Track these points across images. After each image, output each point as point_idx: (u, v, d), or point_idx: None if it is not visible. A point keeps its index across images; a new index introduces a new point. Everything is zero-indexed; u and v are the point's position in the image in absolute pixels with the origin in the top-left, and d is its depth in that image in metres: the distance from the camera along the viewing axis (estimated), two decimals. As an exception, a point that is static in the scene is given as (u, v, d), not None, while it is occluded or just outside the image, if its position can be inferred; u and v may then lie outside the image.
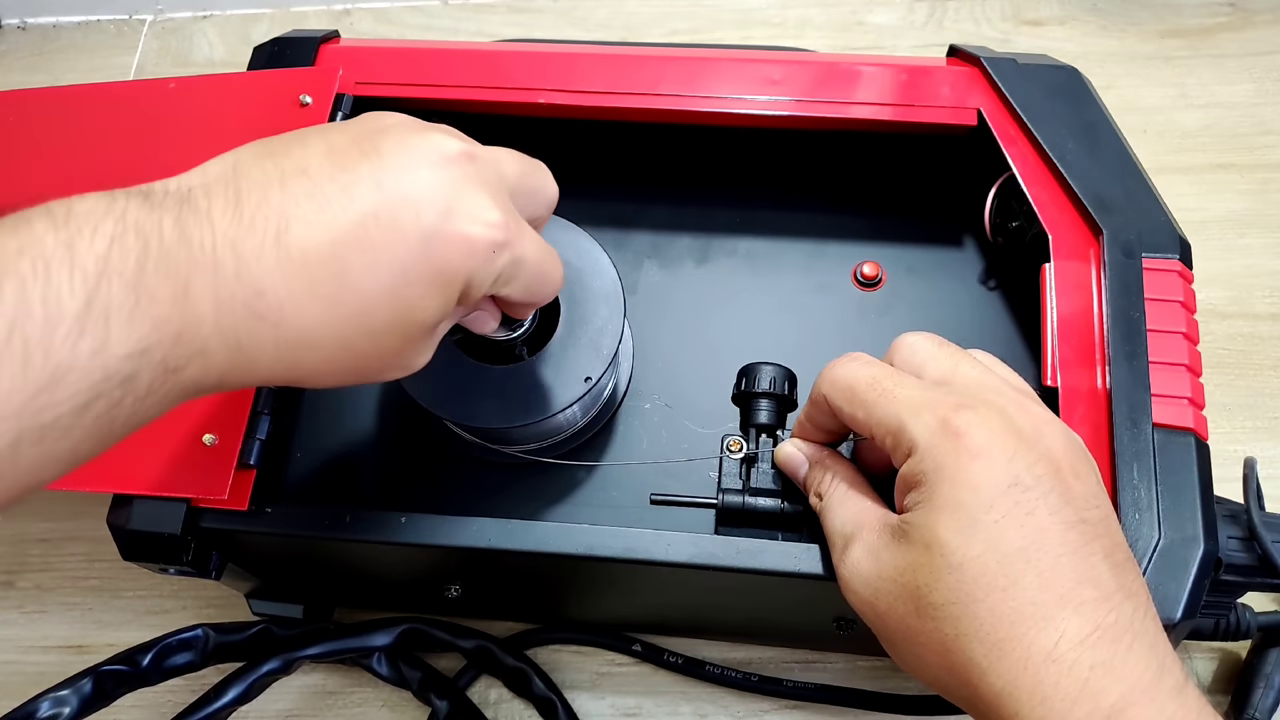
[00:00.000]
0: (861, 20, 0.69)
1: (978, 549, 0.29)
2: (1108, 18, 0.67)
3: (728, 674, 0.47)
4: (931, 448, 0.30)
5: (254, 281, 0.27)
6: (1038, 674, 0.28)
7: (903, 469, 0.32)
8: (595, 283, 0.42)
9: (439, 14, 0.72)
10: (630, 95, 0.46)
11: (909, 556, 0.31)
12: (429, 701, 0.47)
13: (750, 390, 0.41)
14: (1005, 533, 0.29)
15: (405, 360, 0.32)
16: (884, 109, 0.46)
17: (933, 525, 0.30)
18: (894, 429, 0.32)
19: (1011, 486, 0.30)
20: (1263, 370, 0.55)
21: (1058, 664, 0.28)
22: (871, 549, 0.32)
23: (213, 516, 0.39)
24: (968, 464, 0.30)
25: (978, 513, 0.29)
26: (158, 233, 0.26)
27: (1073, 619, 0.28)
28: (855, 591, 0.32)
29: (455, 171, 0.30)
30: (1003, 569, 0.29)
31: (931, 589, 0.30)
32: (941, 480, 0.30)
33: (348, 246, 0.28)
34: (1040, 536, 0.29)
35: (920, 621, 0.30)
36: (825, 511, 0.35)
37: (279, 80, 0.47)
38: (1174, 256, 0.40)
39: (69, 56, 0.72)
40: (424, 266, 0.29)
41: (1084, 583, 0.29)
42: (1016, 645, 0.28)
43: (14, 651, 0.51)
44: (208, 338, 0.27)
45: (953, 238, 0.48)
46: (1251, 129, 0.62)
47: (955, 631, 0.29)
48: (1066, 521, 0.30)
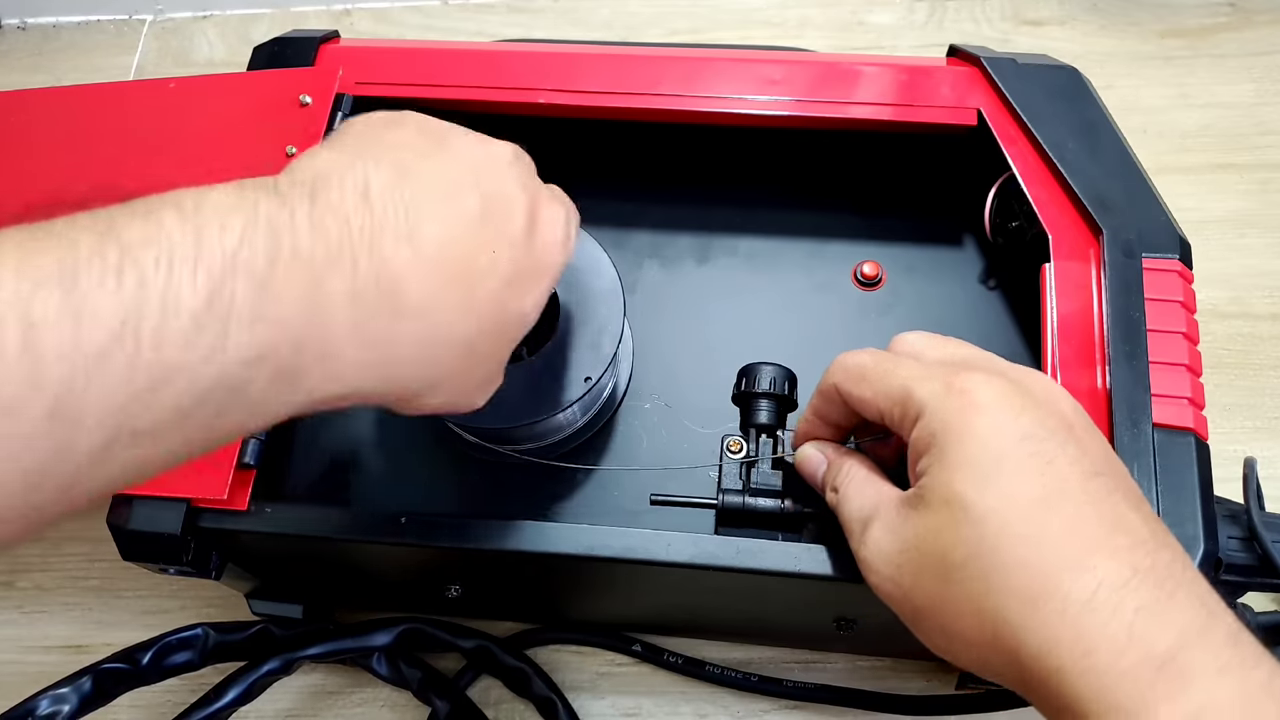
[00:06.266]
0: (861, 20, 0.69)
1: (995, 500, 0.28)
2: (1108, 18, 0.67)
3: (728, 674, 0.47)
4: (938, 408, 0.30)
5: (394, 279, 0.27)
6: (1078, 623, 0.26)
7: (912, 435, 0.31)
8: (595, 283, 0.42)
9: (439, 14, 0.72)
10: (630, 95, 0.46)
11: (927, 520, 0.30)
12: (429, 701, 0.47)
13: (750, 390, 0.41)
14: (1023, 483, 0.28)
15: (496, 374, 0.33)
16: (884, 109, 0.46)
17: (947, 483, 0.29)
18: (901, 397, 0.32)
19: (1024, 439, 0.29)
20: (1263, 370, 0.55)
21: (1098, 611, 0.26)
22: (890, 525, 0.31)
23: (212, 516, 0.39)
24: (975, 419, 0.29)
25: (990, 465, 0.29)
26: (290, 228, 0.26)
27: (1108, 563, 0.27)
28: (878, 571, 0.31)
29: (524, 173, 0.32)
30: (1025, 519, 0.28)
31: (954, 548, 0.29)
32: (950, 438, 0.29)
33: (471, 243, 0.29)
34: (1061, 485, 0.28)
35: (948, 587, 0.29)
36: (842, 502, 0.34)
37: (279, 80, 0.47)
38: (1174, 256, 0.40)
39: (69, 56, 0.72)
40: (527, 263, 0.31)
41: (1115, 530, 0.28)
42: (1052, 595, 0.27)
43: (14, 651, 0.51)
44: (339, 340, 0.26)
45: (953, 238, 0.48)
46: (1251, 129, 0.62)
47: (985, 589, 0.28)
48: (1086, 471, 0.29)
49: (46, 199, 0.46)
